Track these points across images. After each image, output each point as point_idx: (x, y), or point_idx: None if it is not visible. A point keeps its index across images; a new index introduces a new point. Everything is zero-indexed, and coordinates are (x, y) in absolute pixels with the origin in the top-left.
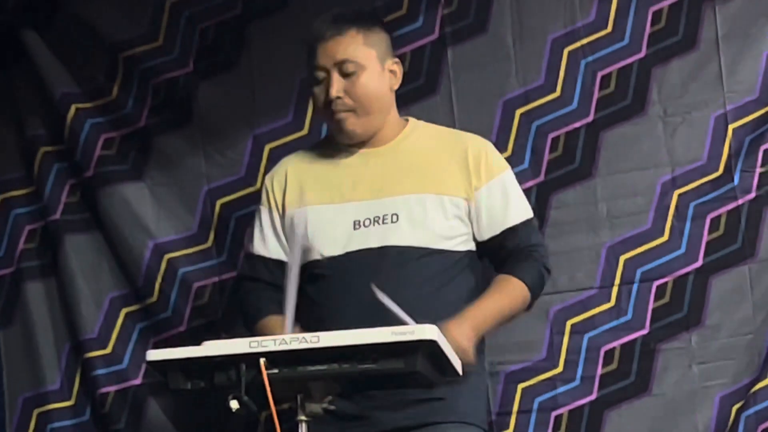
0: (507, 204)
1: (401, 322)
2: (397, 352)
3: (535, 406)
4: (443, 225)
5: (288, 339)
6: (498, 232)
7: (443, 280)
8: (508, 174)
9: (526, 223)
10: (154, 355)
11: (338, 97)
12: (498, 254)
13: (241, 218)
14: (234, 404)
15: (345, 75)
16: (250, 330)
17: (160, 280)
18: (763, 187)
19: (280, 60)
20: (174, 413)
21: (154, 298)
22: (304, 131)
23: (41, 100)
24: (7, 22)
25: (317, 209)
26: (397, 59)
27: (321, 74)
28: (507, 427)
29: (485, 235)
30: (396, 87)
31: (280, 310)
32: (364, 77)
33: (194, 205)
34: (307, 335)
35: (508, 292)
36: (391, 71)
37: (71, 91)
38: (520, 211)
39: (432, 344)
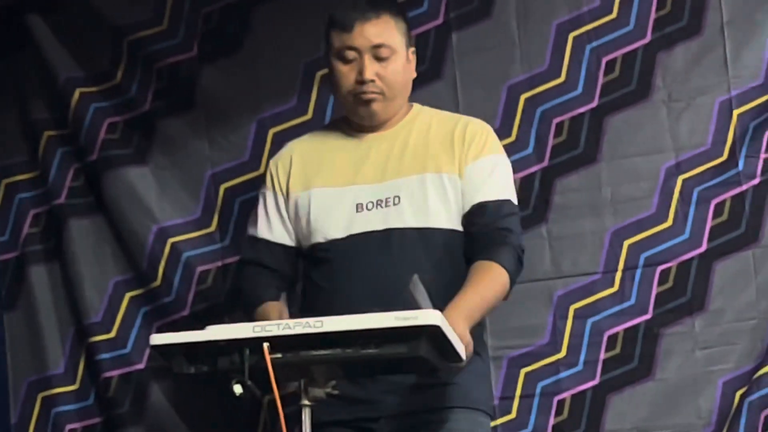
0: (485, 182)
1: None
2: (400, 337)
3: (538, 390)
4: (443, 204)
5: (291, 324)
6: (468, 207)
7: (446, 260)
8: (500, 158)
9: (499, 204)
10: (158, 339)
11: (372, 80)
12: (469, 233)
13: (244, 202)
14: (237, 389)
15: (378, 59)
16: (248, 314)
17: (163, 264)
18: (767, 173)
19: (284, 44)
20: (177, 397)
21: (158, 282)
22: (308, 116)
23: (45, 85)
24: (12, 6)
25: (321, 192)
26: (414, 48)
27: (352, 54)
28: (510, 412)
29: (462, 211)
30: (414, 76)
31: (277, 295)
32: (396, 63)
33: (198, 189)
34: (311, 320)
35: (491, 280)
36: (410, 60)
37: (75, 75)
38: (498, 190)
39: (435, 329)
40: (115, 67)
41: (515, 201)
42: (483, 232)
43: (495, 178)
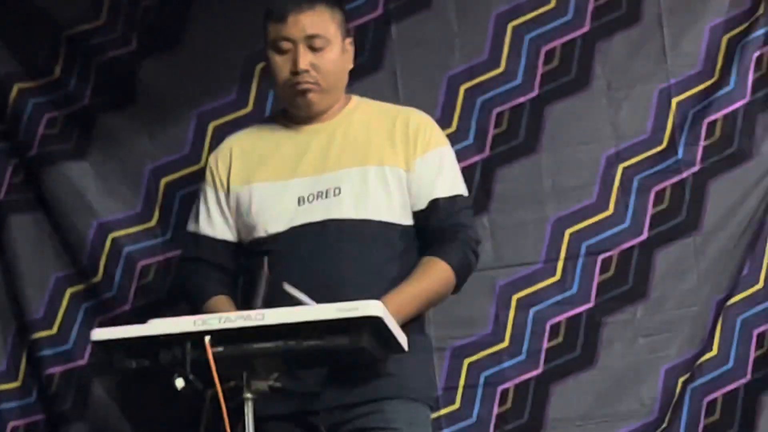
0: (437, 176)
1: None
2: (342, 328)
3: (482, 380)
4: (385, 197)
5: (233, 317)
6: (424, 204)
7: (388, 254)
8: (446, 150)
9: (453, 199)
10: (98, 334)
11: (306, 71)
12: (424, 230)
13: (185, 197)
14: (179, 383)
15: (313, 49)
16: (196, 312)
17: (104, 259)
18: (707, 160)
19: (223, 38)
20: (120, 393)
21: (99, 277)
22: (248, 108)
23: None
24: None
25: (262, 186)
26: (351, 39)
27: (287, 45)
28: (453, 402)
29: (415, 207)
30: (351, 66)
31: (225, 290)
32: (331, 53)
33: (138, 184)
34: (252, 313)
35: (431, 276)
36: (347, 50)
37: (13, 70)
38: (450, 185)
39: (377, 320)
40: (53, 62)
41: (466, 192)
42: (436, 229)
43: (444, 173)
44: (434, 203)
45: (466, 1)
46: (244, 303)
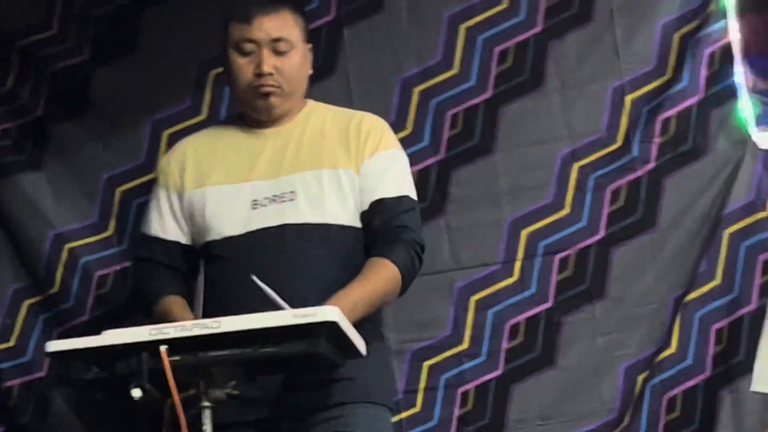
0: (383, 178)
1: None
2: (299, 334)
3: (442, 383)
4: (340, 200)
5: (188, 325)
6: (366, 205)
7: (344, 256)
8: (396, 153)
9: (399, 199)
10: (54, 345)
11: (270, 73)
12: (368, 230)
13: (141, 205)
14: (136, 393)
15: (277, 53)
16: (148, 312)
17: (61, 270)
18: (661, 158)
19: (176, 46)
20: (80, 404)
21: (56, 288)
22: (203, 116)
23: None
24: None
25: (216, 189)
26: (311, 45)
27: (250, 46)
28: (414, 405)
29: (361, 208)
30: (310, 72)
31: (178, 291)
32: (294, 58)
33: (94, 194)
34: (208, 321)
35: (380, 277)
36: (307, 56)
37: None
38: (396, 186)
39: (333, 326)
40: (5, 73)
41: (414, 196)
42: (380, 229)
43: (392, 174)
44: (378, 203)
45: (418, 3)
46: (207, 307)
